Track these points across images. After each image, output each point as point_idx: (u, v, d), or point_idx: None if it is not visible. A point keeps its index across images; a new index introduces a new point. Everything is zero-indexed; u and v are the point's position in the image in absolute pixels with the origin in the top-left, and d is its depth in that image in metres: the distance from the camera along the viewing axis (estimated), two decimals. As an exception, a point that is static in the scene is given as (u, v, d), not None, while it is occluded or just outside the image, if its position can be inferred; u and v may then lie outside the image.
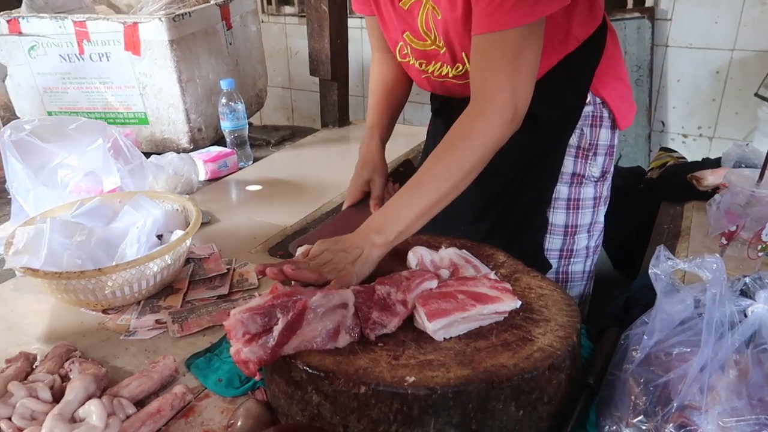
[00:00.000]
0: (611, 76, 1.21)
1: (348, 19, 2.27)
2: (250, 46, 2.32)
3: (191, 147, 2.04)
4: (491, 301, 0.86)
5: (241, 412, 0.86)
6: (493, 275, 0.95)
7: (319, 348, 0.81)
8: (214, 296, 1.20)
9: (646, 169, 1.93)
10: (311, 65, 2.25)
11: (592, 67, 1.18)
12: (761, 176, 1.18)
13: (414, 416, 0.75)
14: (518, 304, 0.88)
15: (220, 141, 2.04)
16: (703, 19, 2.63)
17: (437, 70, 1.21)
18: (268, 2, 3.69)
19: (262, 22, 3.66)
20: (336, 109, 2.32)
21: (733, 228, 1.22)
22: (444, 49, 1.15)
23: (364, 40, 3.38)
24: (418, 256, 1.02)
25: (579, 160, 1.24)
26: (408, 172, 1.34)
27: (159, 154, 1.75)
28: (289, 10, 3.65)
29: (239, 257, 1.35)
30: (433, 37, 1.16)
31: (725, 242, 1.25)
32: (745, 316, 0.83)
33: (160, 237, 1.29)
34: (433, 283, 0.90)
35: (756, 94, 2.44)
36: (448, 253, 1.02)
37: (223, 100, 1.89)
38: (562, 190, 1.25)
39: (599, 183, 1.27)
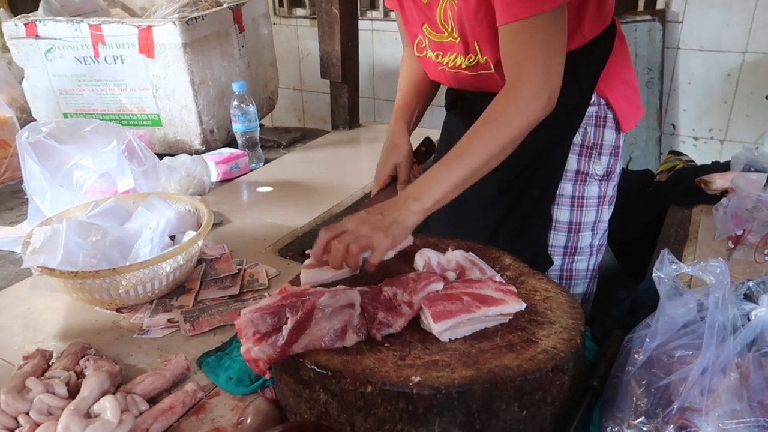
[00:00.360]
0: (617, 78, 1.23)
1: (359, 22, 2.29)
2: (261, 49, 2.35)
3: (203, 148, 2.07)
4: (496, 303, 0.87)
5: (251, 410, 0.89)
6: (498, 278, 0.97)
7: (327, 347, 0.83)
8: (225, 296, 1.22)
9: (655, 172, 1.93)
10: (322, 68, 2.27)
11: (597, 68, 1.19)
12: (768, 181, 1.18)
13: (419, 415, 0.76)
14: (523, 306, 0.90)
15: (232, 143, 2.07)
16: (715, 21, 2.62)
17: (452, 61, 1.24)
18: (280, 4, 3.72)
19: (274, 24, 3.70)
20: (346, 111, 2.34)
21: (739, 232, 1.22)
22: (458, 39, 1.18)
23: (375, 42, 3.40)
24: (425, 258, 1.03)
25: (583, 158, 1.26)
26: (429, 150, 1.35)
27: (172, 155, 1.78)
28: (300, 12, 3.68)
29: (250, 258, 1.38)
30: (449, 29, 1.18)
31: (732, 246, 1.26)
32: (749, 319, 0.85)
33: (172, 238, 1.31)
34: (439, 285, 0.91)
35: (768, 97, 2.43)
36: (455, 256, 1.03)
37: (235, 103, 1.92)
38: (566, 187, 1.27)
39: (603, 182, 1.29)
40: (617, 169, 1.32)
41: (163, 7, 2.12)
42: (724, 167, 1.69)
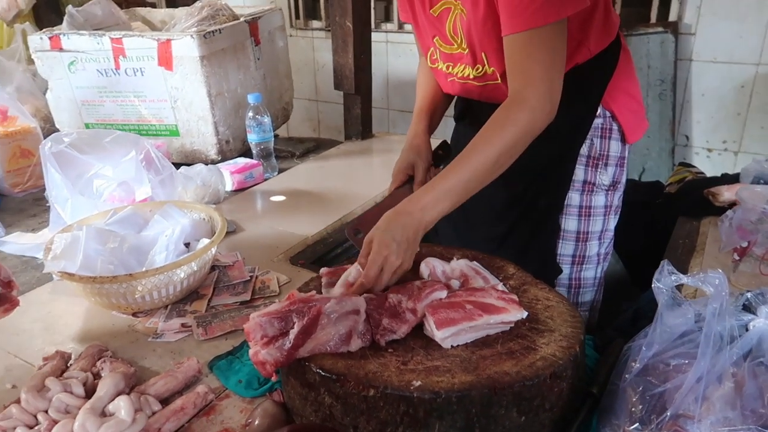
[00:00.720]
0: (622, 91, 1.25)
1: (373, 33, 2.34)
2: (277, 61, 2.40)
3: (219, 158, 2.11)
4: (498, 311, 0.89)
5: (259, 412, 0.92)
6: (501, 286, 0.99)
7: (333, 351, 0.86)
8: (237, 302, 1.25)
9: (665, 184, 1.93)
10: (335, 79, 2.31)
11: (603, 81, 1.22)
12: (773, 193, 1.19)
13: (420, 419, 0.79)
14: (524, 314, 0.92)
15: (247, 153, 2.12)
16: (728, 33, 2.62)
17: (461, 72, 1.27)
18: (296, 16, 3.78)
19: (290, 35, 3.76)
20: (359, 122, 2.38)
21: (744, 244, 1.23)
22: (467, 50, 1.22)
23: (389, 54, 3.45)
24: (430, 266, 1.06)
25: (589, 168, 1.28)
26: (446, 154, 1.37)
27: (188, 165, 1.83)
28: (316, 24, 3.74)
29: (262, 265, 1.41)
30: (459, 40, 1.22)
31: (737, 258, 1.27)
32: (747, 330, 0.86)
33: (187, 245, 1.35)
34: (443, 293, 0.94)
35: (781, 109, 2.42)
36: (459, 265, 1.06)
37: (250, 114, 1.97)
38: (573, 197, 1.30)
39: (610, 192, 1.31)
40: (623, 180, 1.34)
41: (182, 21, 2.18)
42: (733, 179, 1.70)
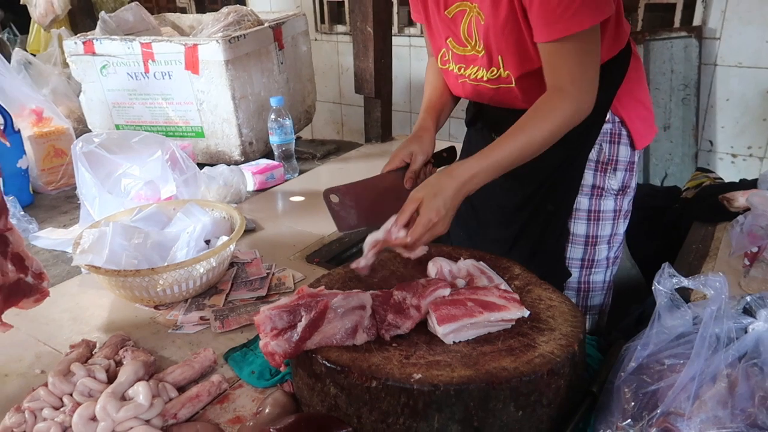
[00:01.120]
0: (632, 98, 1.27)
1: (396, 38, 2.37)
2: (300, 65, 2.46)
3: (242, 159, 2.18)
4: (498, 309, 0.92)
5: (269, 401, 0.96)
6: (504, 285, 1.02)
7: (339, 344, 0.90)
8: (253, 297, 1.30)
9: (683, 189, 1.93)
10: (356, 83, 2.36)
11: (613, 87, 1.24)
12: (783, 199, 1.20)
13: (419, 410, 0.82)
14: (525, 313, 0.95)
15: (270, 154, 2.18)
16: (754, 38, 2.59)
17: (474, 74, 1.30)
18: (322, 21, 3.85)
19: (315, 40, 3.83)
20: (379, 125, 2.42)
21: (755, 249, 1.23)
22: (482, 53, 1.24)
23: (412, 58, 3.49)
24: (437, 266, 1.09)
25: (598, 173, 1.30)
26: (450, 158, 1.40)
27: (213, 165, 1.89)
28: (341, 28, 3.80)
29: (279, 263, 1.46)
30: (473, 42, 1.25)
31: (748, 263, 1.27)
32: (746, 333, 0.87)
33: (208, 242, 1.41)
34: (446, 291, 0.97)
35: (807, 115, 2.39)
36: (466, 264, 1.09)
37: (272, 116, 2.03)
38: (582, 201, 1.32)
39: (619, 197, 1.33)
40: (633, 184, 1.35)
41: (209, 26, 2.25)
42: (751, 185, 1.69)
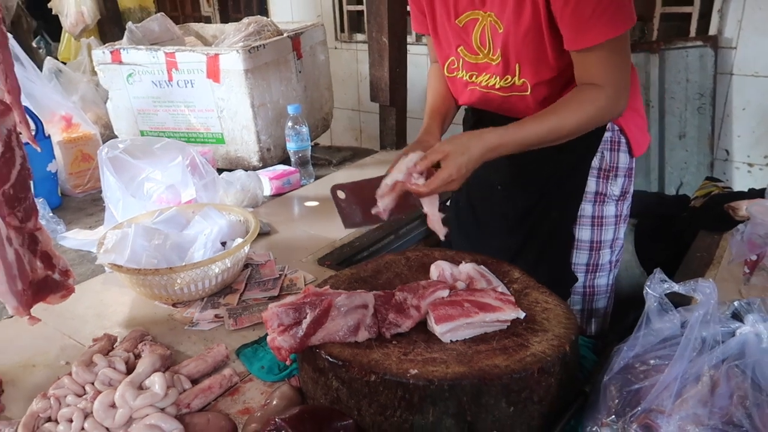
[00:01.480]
0: (629, 107, 1.30)
1: (413, 47, 2.43)
2: (318, 74, 2.53)
3: (261, 165, 2.25)
4: (494, 310, 0.97)
5: (277, 394, 1.02)
6: (501, 288, 1.06)
7: (341, 341, 0.95)
8: (266, 297, 1.37)
9: (692, 198, 1.95)
10: (372, 92, 2.42)
11: None
12: (782, 208, 1.22)
13: (415, 403, 0.87)
14: (520, 314, 0.99)
15: (287, 160, 2.24)
16: (770, 47, 2.60)
17: (485, 81, 1.33)
18: (341, 30, 3.93)
19: (335, 48, 3.90)
20: (394, 132, 2.48)
21: (754, 257, 1.26)
22: (498, 60, 1.27)
23: (428, 67, 3.54)
24: (439, 269, 1.14)
25: (601, 180, 1.34)
26: None
27: (231, 170, 1.97)
28: (360, 37, 3.87)
29: (291, 265, 1.52)
30: (486, 50, 1.28)
31: (748, 271, 1.29)
32: (733, 336, 0.90)
33: (224, 244, 1.48)
34: (445, 293, 1.02)
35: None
36: (466, 268, 1.13)
37: (290, 123, 2.09)
38: (586, 208, 1.36)
39: (620, 202, 1.37)
40: (631, 190, 1.40)
41: (230, 36, 2.34)
42: (759, 195, 1.70)
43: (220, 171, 1.83)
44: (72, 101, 2.35)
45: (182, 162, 1.69)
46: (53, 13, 3.26)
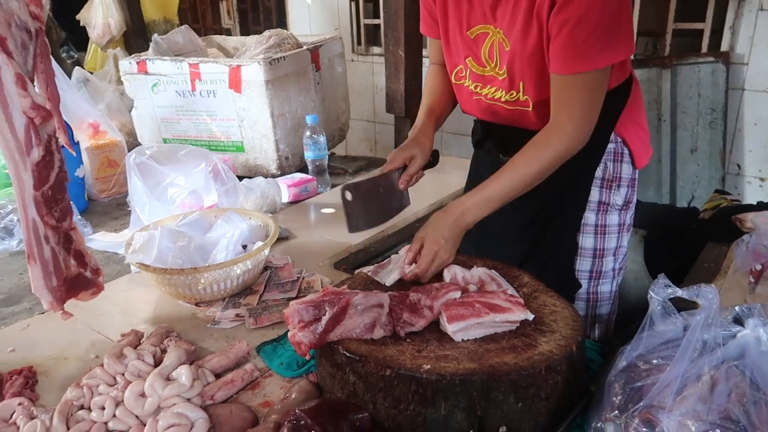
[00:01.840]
0: (632, 121, 1.36)
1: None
2: (335, 85, 2.60)
3: (279, 173, 2.31)
4: (503, 311, 1.01)
5: (295, 388, 1.07)
6: (511, 291, 1.11)
7: (358, 337, 1.00)
8: (284, 298, 1.42)
9: (701, 210, 1.98)
10: (387, 103, 2.49)
11: (617, 112, 1.33)
12: (786, 219, 1.26)
13: (428, 397, 0.92)
14: (529, 315, 1.03)
15: (304, 168, 2.31)
16: (782, 63, 2.63)
17: (491, 93, 1.37)
18: (358, 43, 4.01)
19: (352, 60, 3.99)
20: (409, 143, 2.53)
21: (758, 266, 1.29)
22: (504, 76, 1.32)
23: (444, 79, 3.61)
24: (452, 273, 1.19)
25: (604, 190, 1.38)
26: (434, 161, 1.48)
27: (251, 178, 2.03)
28: (376, 50, 3.95)
29: (308, 268, 1.58)
30: (493, 64, 1.33)
31: (753, 281, 1.33)
32: (734, 339, 0.94)
33: (244, 247, 1.54)
34: (457, 294, 1.07)
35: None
36: (478, 272, 1.18)
37: (308, 133, 2.16)
38: (590, 216, 1.40)
39: (623, 211, 1.41)
40: (634, 200, 1.43)
41: (252, 48, 2.42)
42: (767, 207, 1.74)
43: (239, 178, 1.89)
44: (99, 109, 2.43)
45: (205, 168, 1.76)
46: (81, 24, 3.38)
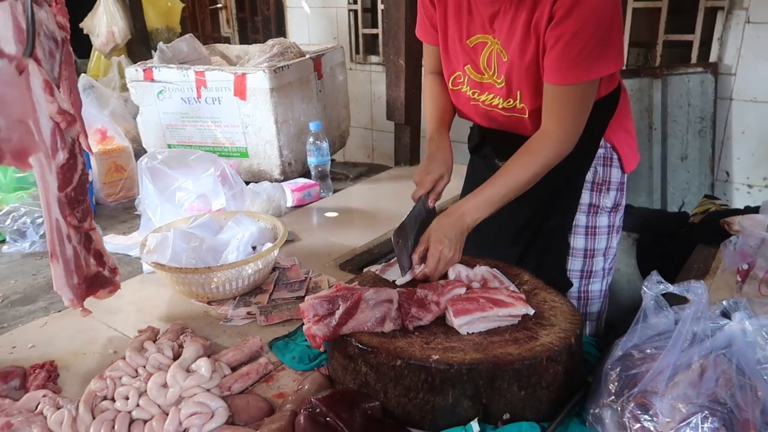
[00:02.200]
0: (620, 127, 1.43)
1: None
2: (337, 93, 2.67)
3: (282, 178, 2.37)
4: (506, 305, 1.08)
5: (308, 380, 1.12)
6: (513, 287, 1.17)
7: (369, 330, 1.06)
8: (293, 297, 1.48)
9: (691, 214, 2.06)
10: (388, 111, 2.55)
11: (606, 119, 1.40)
12: (771, 221, 1.33)
13: (436, 386, 0.98)
14: (530, 310, 1.10)
15: (307, 174, 2.37)
16: (768, 74, 2.72)
17: (489, 100, 1.43)
18: (356, 51, 4.09)
19: (350, 69, 4.05)
20: (408, 150, 2.61)
21: (745, 266, 1.36)
22: (502, 84, 1.37)
23: (440, 87, 3.68)
24: (456, 271, 1.25)
25: (594, 192, 1.45)
26: None
27: (255, 182, 2.09)
28: (374, 59, 4.03)
29: (315, 269, 1.64)
30: (491, 72, 1.38)
31: (740, 280, 1.40)
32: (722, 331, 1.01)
33: (254, 248, 1.59)
34: (462, 290, 1.13)
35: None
36: (481, 270, 1.24)
37: (311, 139, 2.22)
38: (581, 218, 1.47)
39: (612, 213, 1.48)
40: (623, 203, 1.51)
41: (256, 57, 2.48)
42: (753, 212, 1.81)
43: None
44: (104, 116, 2.48)
45: (214, 173, 1.81)
46: (84, 32, 3.43)
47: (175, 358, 1.16)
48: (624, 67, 2.71)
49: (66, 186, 1.19)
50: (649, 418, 0.88)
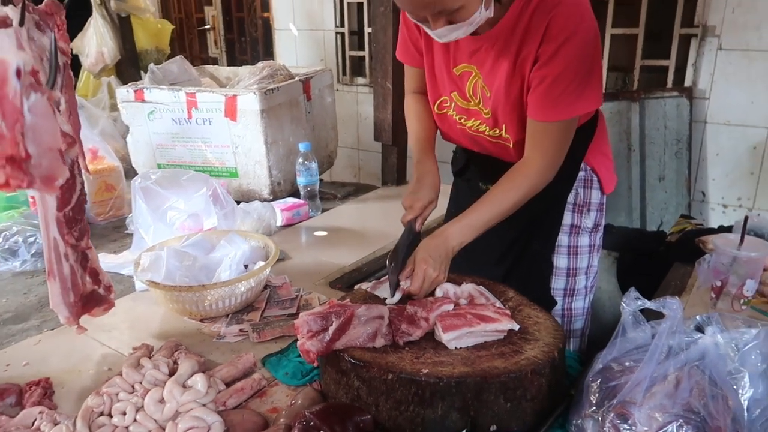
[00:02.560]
0: (599, 151, 1.50)
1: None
2: (325, 115, 2.73)
3: (271, 198, 2.41)
4: (492, 321, 1.12)
5: (301, 395, 1.16)
6: (498, 304, 1.22)
7: (361, 346, 1.10)
8: (284, 314, 1.51)
9: (668, 234, 2.13)
10: (375, 132, 2.61)
11: (586, 144, 1.47)
12: (741, 240, 1.40)
13: (426, 398, 1.02)
14: (515, 326, 1.14)
15: (295, 193, 2.41)
16: (740, 98, 2.83)
17: (475, 126, 1.48)
18: (344, 73, 4.16)
19: (337, 90, 4.12)
20: (395, 170, 2.67)
21: (718, 283, 1.43)
22: (488, 115, 1.42)
23: (426, 109, 3.76)
24: (444, 288, 1.30)
25: (575, 214, 1.51)
26: None
27: (245, 202, 2.13)
28: (361, 80, 4.10)
29: (305, 287, 1.67)
30: (477, 101, 1.43)
31: (714, 296, 1.46)
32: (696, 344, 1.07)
33: (246, 267, 1.63)
34: (450, 307, 1.18)
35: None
36: (468, 288, 1.29)
37: (300, 160, 2.27)
38: (563, 238, 1.53)
39: (593, 233, 1.54)
40: (603, 223, 1.57)
41: (246, 79, 2.53)
42: (726, 231, 1.89)
43: (235, 202, 1.99)
44: (95, 135, 2.51)
45: (206, 193, 1.85)
46: (74, 52, 3.46)
47: (171, 374, 1.19)
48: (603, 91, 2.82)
49: (65, 206, 1.23)
50: (628, 427, 0.93)
